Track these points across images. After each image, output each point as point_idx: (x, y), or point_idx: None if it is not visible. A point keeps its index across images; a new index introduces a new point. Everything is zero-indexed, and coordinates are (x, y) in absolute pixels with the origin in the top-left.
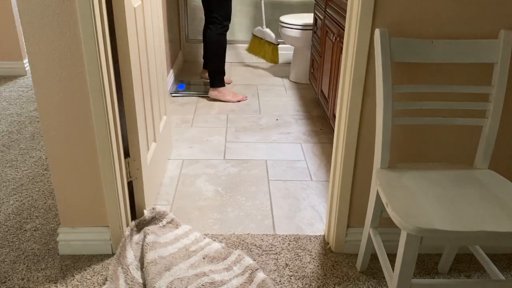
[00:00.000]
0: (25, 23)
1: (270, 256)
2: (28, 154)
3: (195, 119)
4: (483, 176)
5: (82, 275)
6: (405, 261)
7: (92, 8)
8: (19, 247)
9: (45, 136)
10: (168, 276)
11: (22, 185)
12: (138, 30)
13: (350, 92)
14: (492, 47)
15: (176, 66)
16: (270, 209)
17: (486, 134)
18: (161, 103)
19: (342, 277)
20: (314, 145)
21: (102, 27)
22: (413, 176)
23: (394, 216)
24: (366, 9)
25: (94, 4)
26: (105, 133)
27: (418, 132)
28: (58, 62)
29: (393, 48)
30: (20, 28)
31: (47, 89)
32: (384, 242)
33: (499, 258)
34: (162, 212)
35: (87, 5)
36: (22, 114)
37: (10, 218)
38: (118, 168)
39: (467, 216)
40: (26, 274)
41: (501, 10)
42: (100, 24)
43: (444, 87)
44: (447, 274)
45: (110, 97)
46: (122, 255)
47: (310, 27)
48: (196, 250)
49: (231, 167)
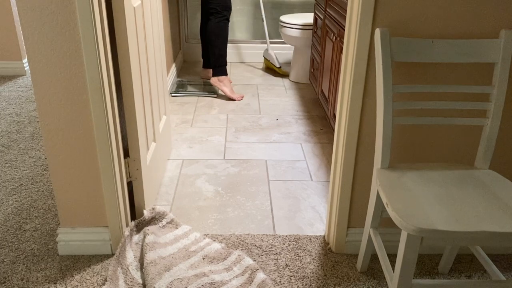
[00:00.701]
0: (24, 22)
1: (270, 256)
2: (27, 154)
3: (195, 119)
4: (483, 176)
5: (81, 275)
6: (405, 262)
7: (91, 8)
8: (18, 248)
9: (44, 136)
10: (168, 276)
11: (21, 185)
12: (137, 29)
13: (350, 92)
14: (493, 47)
15: (175, 66)
16: (270, 209)
17: (487, 134)
18: (160, 103)
19: (343, 277)
20: (314, 145)
21: (101, 27)
22: (413, 176)
23: (394, 216)
24: (367, 8)
25: (94, 3)
26: (105, 133)
27: (418, 132)
28: (57, 62)
29: (393, 47)
30: (19, 27)
31: (46, 89)
32: (385, 242)
33: (500, 259)
34: (162, 212)
35: (86, 5)
36: (21, 114)
37: (10, 219)
38: (118, 168)
39: (468, 216)
40: (25, 275)
41: (501, 10)
42: (99, 24)
43: (444, 87)
44: (447, 275)
45: (110, 97)
46: (122, 256)
47: (310, 26)
48: (196, 250)
49: (231, 167)
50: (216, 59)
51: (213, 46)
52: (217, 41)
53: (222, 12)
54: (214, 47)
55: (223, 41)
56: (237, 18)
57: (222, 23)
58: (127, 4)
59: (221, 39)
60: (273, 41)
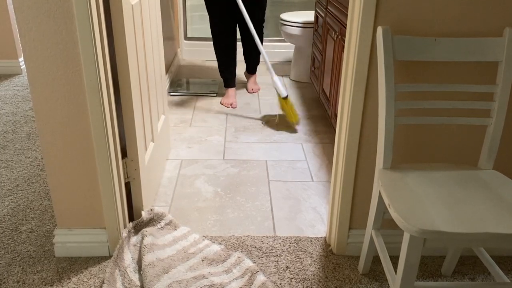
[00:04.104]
0: (20, 20)
1: (270, 258)
2: (23, 154)
3: (194, 118)
4: (487, 176)
5: (78, 277)
6: (408, 264)
7: (89, 5)
8: (14, 249)
9: (41, 136)
10: (166, 278)
11: (17, 186)
12: (135, 27)
13: (352, 91)
14: (497, 45)
15: (174, 64)
16: (270, 210)
17: (491, 134)
18: (159, 102)
19: (344, 279)
20: (315, 145)
21: (99, 25)
22: (416, 176)
23: (396, 218)
24: (368, 6)
25: (91, 1)
26: (102, 133)
27: (421, 132)
28: (54, 61)
29: (395, 46)
30: (15, 25)
31: (43, 88)
32: (387, 244)
33: (504, 261)
34: (160, 214)
35: (83, 2)
36: (17, 113)
37: (5, 220)
38: (116, 169)
39: (471, 217)
40: (21, 277)
41: (506, 8)
42: (97, 22)
43: (447, 86)
44: (450, 277)
45: (107, 96)
46: (120, 258)
47: (311, 24)
48: (195, 252)
49: (231, 167)
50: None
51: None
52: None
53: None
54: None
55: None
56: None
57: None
58: (125, 1)
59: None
60: (273, 40)
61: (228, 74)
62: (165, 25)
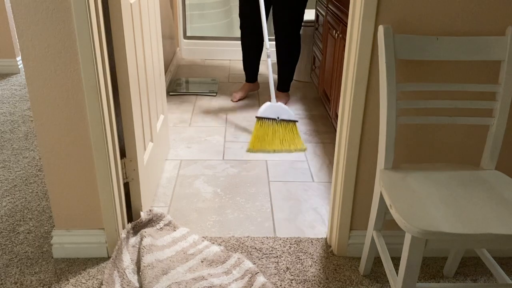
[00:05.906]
0: (18, 19)
1: (270, 259)
2: (21, 155)
3: (193, 118)
4: (490, 177)
5: (77, 279)
6: (409, 265)
7: (87, 4)
8: (12, 250)
9: (38, 136)
10: (165, 280)
11: (15, 186)
12: (134, 26)
13: (353, 90)
14: (500, 44)
15: (173, 63)
16: (270, 211)
17: (493, 133)
18: (158, 102)
19: (345, 281)
20: (316, 145)
21: (97, 24)
22: (417, 177)
23: (398, 218)
24: (370, 5)
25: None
26: (101, 133)
27: (423, 132)
28: (52, 60)
29: (397, 45)
30: (13, 24)
31: (40, 88)
32: (388, 245)
33: (506, 262)
34: (159, 214)
35: (82, 1)
36: (15, 113)
37: (3, 220)
38: (114, 169)
39: (474, 218)
40: (19, 278)
41: (508, 6)
42: (95, 20)
43: (449, 85)
44: (452, 278)
45: (106, 96)
46: (118, 259)
47: (311, 23)
48: (195, 253)
49: (231, 167)
50: (290, 78)
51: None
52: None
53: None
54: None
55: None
56: (237, 15)
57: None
58: (123, 0)
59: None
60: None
61: (248, 70)
62: (164, 24)
